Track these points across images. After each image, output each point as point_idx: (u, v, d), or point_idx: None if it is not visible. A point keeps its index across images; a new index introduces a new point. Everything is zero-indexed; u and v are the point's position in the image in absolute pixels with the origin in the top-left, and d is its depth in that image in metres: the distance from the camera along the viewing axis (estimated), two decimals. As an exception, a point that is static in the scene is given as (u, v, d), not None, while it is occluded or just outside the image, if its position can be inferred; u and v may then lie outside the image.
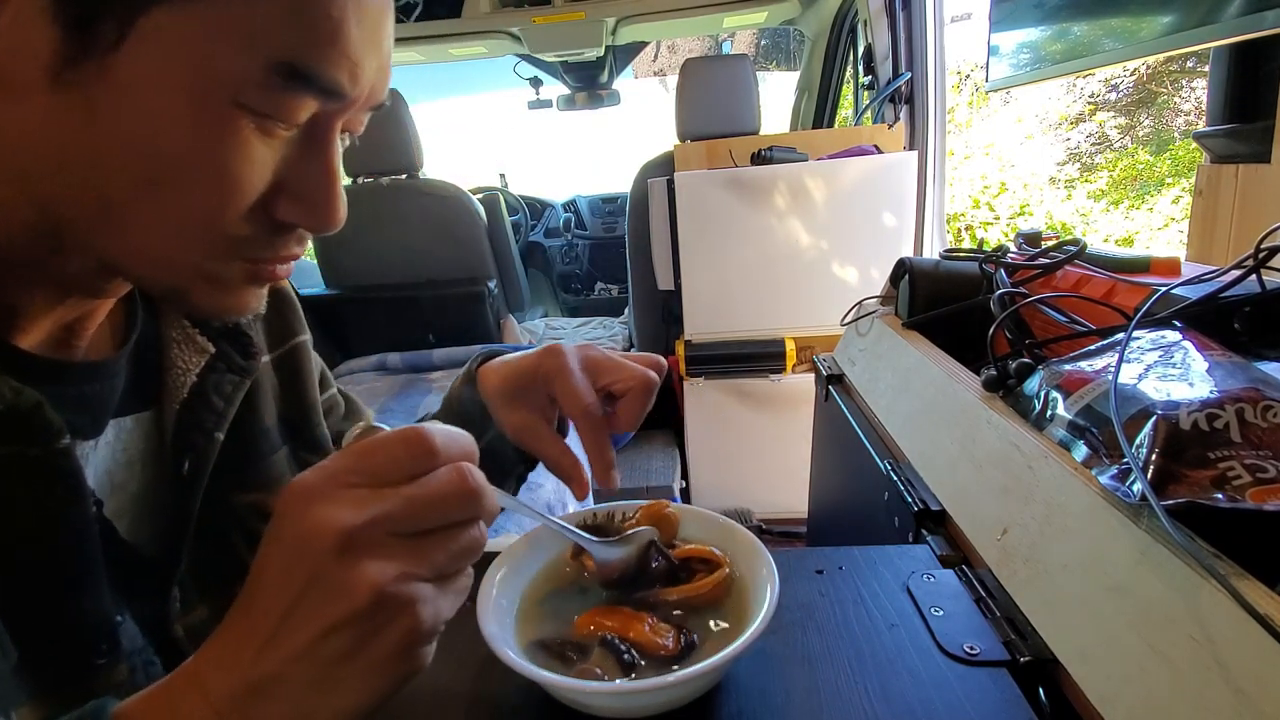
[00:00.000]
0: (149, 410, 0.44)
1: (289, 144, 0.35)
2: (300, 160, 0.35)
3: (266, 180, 0.34)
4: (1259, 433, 0.36)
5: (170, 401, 0.44)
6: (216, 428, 0.44)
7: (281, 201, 0.35)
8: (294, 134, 0.35)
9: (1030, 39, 1.02)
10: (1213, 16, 0.66)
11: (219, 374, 0.46)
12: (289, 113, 0.33)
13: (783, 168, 1.81)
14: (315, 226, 0.37)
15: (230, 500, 0.47)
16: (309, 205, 0.36)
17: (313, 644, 0.27)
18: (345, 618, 0.27)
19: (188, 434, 0.43)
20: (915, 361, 0.72)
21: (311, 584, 0.27)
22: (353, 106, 0.36)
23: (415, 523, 0.29)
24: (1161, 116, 5.41)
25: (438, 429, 0.31)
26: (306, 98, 0.33)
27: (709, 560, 0.44)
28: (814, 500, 1.09)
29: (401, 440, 0.30)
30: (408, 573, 0.28)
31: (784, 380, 1.90)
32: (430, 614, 0.29)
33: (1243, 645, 0.29)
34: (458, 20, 2.34)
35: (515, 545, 0.45)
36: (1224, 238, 0.82)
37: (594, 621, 0.40)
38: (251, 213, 0.34)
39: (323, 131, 0.36)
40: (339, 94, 0.34)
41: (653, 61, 6.82)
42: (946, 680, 0.38)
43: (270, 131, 0.33)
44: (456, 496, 0.29)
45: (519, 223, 3.24)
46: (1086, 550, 0.40)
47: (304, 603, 0.27)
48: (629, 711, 0.38)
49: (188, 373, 0.44)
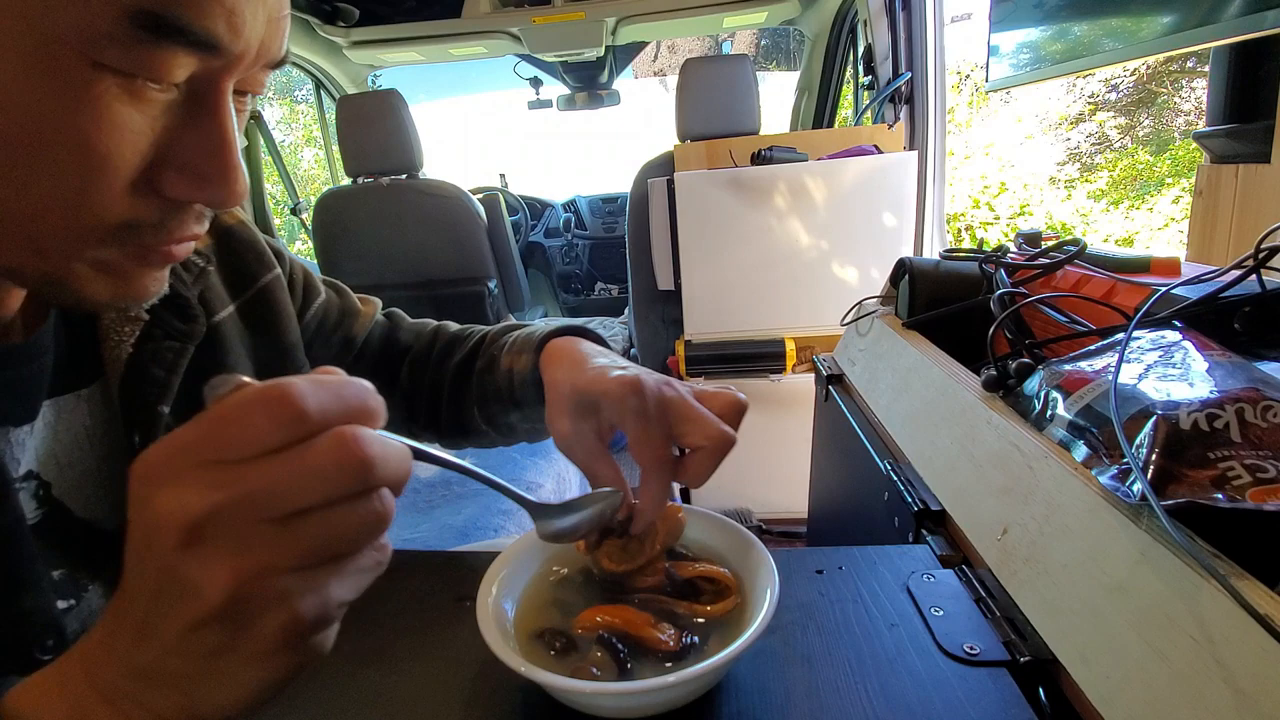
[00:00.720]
0: (94, 385, 0.42)
1: (170, 109, 0.30)
2: (185, 127, 0.31)
3: (144, 151, 0.30)
4: (1259, 433, 0.36)
5: (111, 376, 0.42)
6: (160, 400, 0.42)
7: (168, 175, 0.31)
8: (175, 97, 0.30)
9: (1030, 39, 1.02)
10: (1213, 16, 0.66)
11: (156, 342, 0.43)
12: (159, 70, 0.29)
13: (783, 168, 1.81)
14: (211, 201, 0.33)
15: None
16: (199, 178, 0.32)
17: (180, 639, 0.24)
18: (202, 617, 0.23)
19: (131, 408, 0.41)
20: (915, 361, 0.72)
21: (161, 582, 0.24)
22: (241, 63, 0.31)
23: (283, 504, 0.23)
24: (1161, 116, 5.41)
25: (310, 383, 0.25)
26: (178, 52, 0.29)
27: (717, 580, 0.43)
28: (814, 500, 1.09)
29: (262, 402, 0.24)
30: (270, 564, 0.24)
31: (784, 380, 1.90)
32: (312, 604, 0.24)
33: (1243, 645, 0.29)
34: (458, 20, 2.35)
35: (517, 543, 0.45)
36: (1224, 238, 0.82)
37: (597, 616, 0.40)
38: (134, 189, 0.30)
39: (209, 93, 0.31)
40: (215, 46, 0.29)
41: (653, 61, 6.82)
42: (946, 680, 0.38)
43: (141, 94, 0.29)
44: (337, 469, 0.24)
45: (519, 223, 3.24)
46: (1086, 550, 0.40)
47: (161, 600, 0.24)
48: (629, 712, 0.38)
49: (122, 345, 0.42)
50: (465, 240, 2.31)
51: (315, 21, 2.32)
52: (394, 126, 2.16)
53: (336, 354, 0.63)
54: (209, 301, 0.49)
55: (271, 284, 0.54)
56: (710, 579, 0.43)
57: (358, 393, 0.26)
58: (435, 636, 0.45)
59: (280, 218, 3.00)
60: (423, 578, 0.51)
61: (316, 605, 0.25)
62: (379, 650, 0.44)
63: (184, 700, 0.25)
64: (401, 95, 2.17)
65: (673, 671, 0.35)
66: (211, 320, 0.48)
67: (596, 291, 3.40)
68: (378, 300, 0.69)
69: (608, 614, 0.40)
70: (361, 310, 0.66)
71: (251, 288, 0.53)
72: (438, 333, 0.68)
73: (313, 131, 5.53)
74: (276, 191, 3.13)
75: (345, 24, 2.33)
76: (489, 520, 1.29)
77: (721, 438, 0.42)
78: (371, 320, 0.66)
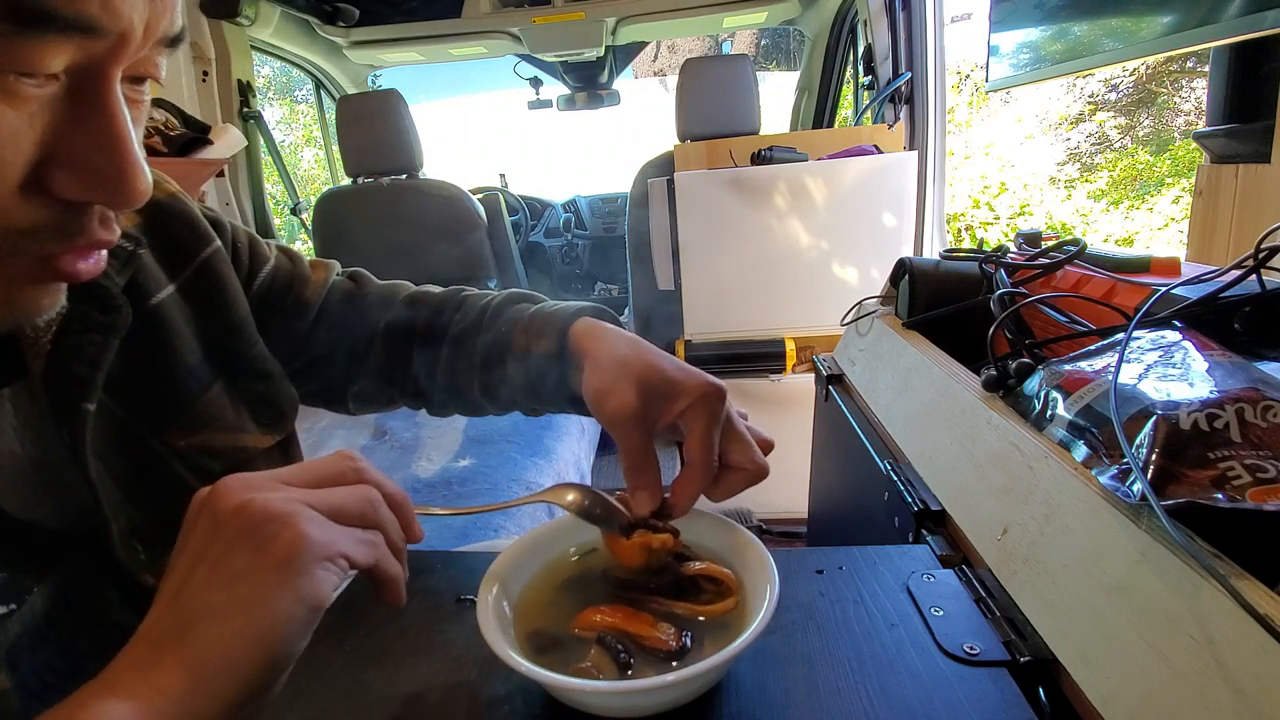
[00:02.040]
0: (19, 382, 0.39)
1: (52, 103, 0.28)
2: (72, 121, 0.28)
3: (26, 152, 0.28)
4: (1259, 433, 0.36)
5: (34, 372, 0.39)
6: (83, 398, 0.40)
7: (57, 175, 0.29)
8: (56, 89, 0.28)
9: (1030, 39, 1.02)
10: (1213, 16, 0.66)
11: (75, 336, 0.40)
12: (30, 63, 0.26)
13: (783, 168, 1.81)
14: (108, 202, 0.31)
15: (173, 446, 0.46)
16: (92, 176, 0.29)
17: (214, 568, 0.29)
18: (238, 530, 0.29)
19: (57, 405, 0.39)
20: (915, 361, 0.72)
21: (212, 522, 0.30)
22: (127, 46, 0.28)
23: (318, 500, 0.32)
24: (1161, 116, 5.41)
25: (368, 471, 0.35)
26: (49, 40, 0.26)
27: (718, 580, 0.43)
28: (814, 500, 1.09)
29: (327, 460, 0.35)
30: (294, 497, 0.31)
31: (784, 380, 1.90)
32: (319, 533, 0.30)
33: (1243, 645, 0.29)
34: (458, 20, 2.35)
35: (517, 543, 0.45)
36: (1224, 238, 0.82)
37: (596, 616, 0.40)
38: (23, 193, 0.28)
39: (95, 81, 0.28)
40: (92, 29, 0.27)
41: (653, 61, 6.82)
42: (946, 680, 0.38)
43: (14, 90, 0.26)
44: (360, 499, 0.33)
45: (519, 223, 3.24)
46: (1086, 550, 0.40)
47: (209, 535, 0.30)
48: (629, 711, 0.38)
49: (39, 341, 0.39)
50: (465, 240, 2.31)
51: (315, 21, 2.32)
52: (394, 126, 2.17)
53: (288, 320, 0.59)
54: (143, 284, 0.46)
55: (212, 258, 0.51)
56: (712, 579, 0.43)
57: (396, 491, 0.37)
58: (435, 636, 0.45)
59: (280, 218, 2.99)
60: (423, 578, 0.51)
61: (321, 535, 0.30)
62: (379, 650, 0.44)
63: (223, 634, 0.28)
64: (401, 95, 2.17)
65: (673, 671, 0.35)
66: (149, 303, 0.46)
67: (596, 291, 3.40)
68: (334, 262, 0.64)
69: (607, 614, 0.40)
70: (312, 277, 0.61)
71: (190, 264, 0.50)
72: (416, 299, 0.63)
73: (313, 131, 5.53)
74: (276, 191, 3.13)
75: (345, 24, 2.33)
76: (489, 520, 1.29)
77: (761, 467, 0.46)
78: (325, 284, 0.61)
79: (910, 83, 1.91)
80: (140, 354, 0.45)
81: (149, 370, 0.46)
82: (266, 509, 0.30)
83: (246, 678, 0.28)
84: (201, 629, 0.28)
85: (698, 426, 0.44)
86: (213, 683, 0.27)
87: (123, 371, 0.44)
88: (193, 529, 0.31)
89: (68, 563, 0.39)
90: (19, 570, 0.36)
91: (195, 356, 0.49)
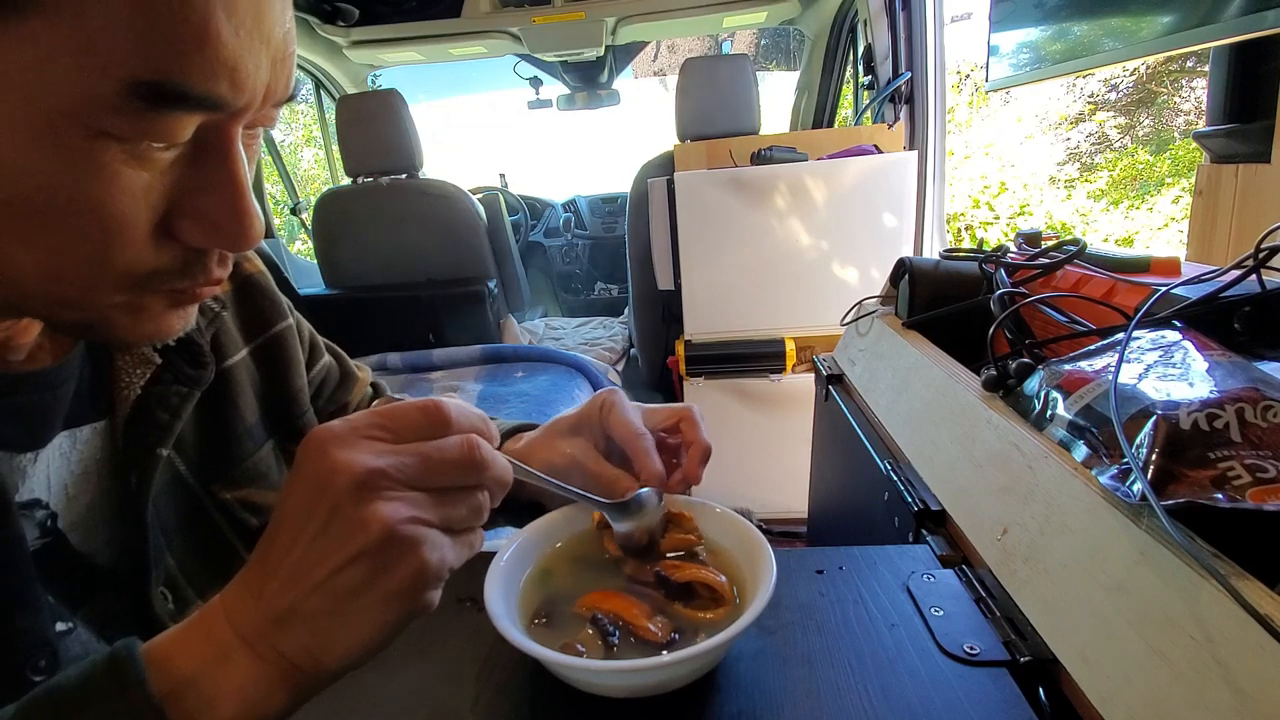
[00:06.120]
0: (105, 420, 0.42)
1: (179, 162, 0.31)
2: (196, 177, 0.31)
3: (156, 208, 0.31)
4: (1259, 433, 0.36)
5: (119, 413, 0.42)
6: (160, 443, 0.43)
7: (184, 224, 0.32)
8: (183, 150, 0.31)
9: (1030, 39, 1.02)
10: (1213, 16, 0.66)
11: (165, 386, 0.44)
12: (163, 134, 0.29)
13: (783, 168, 1.81)
14: (227, 246, 0.34)
15: (218, 497, 0.48)
16: (213, 226, 0.32)
17: (329, 577, 0.29)
18: (359, 551, 0.29)
19: (132, 448, 0.42)
20: (915, 361, 0.72)
21: (330, 519, 0.29)
22: (249, 111, 0.31)
23: (426, 477, 0.31)
24: (1161, 116, 5.41)
25: (453, 403, 0.33)
26: (181, 116, 0.29)
27: (714, 588, 0.42)
28: (814, 500, 1.09)
29: (419, 407, 0.32)
30: (417, 517, 0.30)
31: (784, 380, 1.90)
32: (437, 558, 0.30)
33: (1243, 645, 0.29)
34: (458, 20, 2.35)
35: (516, 537, 0.46)
36: (1224, 238, 0.82)
37: (594, 602, 0.41)
38: (154, 240, 0.31)
39: (219, 142, 0.31)
40: (219, 106, 0.29)
41: (653, 61, 6.81)
42: (946, 680, 0.38)
43: (146, 156, 0.29)
44: (464, 461, 0.32)
45: (519, 223, 3.24)
46: (1086, 550, 0.40)
47: (322, 537, 0.29)
48: (617, 690, 0.38)
49: (132, 385, 0.43)
50: (465, 240, 2.31)
51: (315, 21, 2.32)
52: (394, 126, 2.16)
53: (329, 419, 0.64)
54: (222, 345, 0.50)
55: (284, 331, 0.56)
56: (709, 586, 0.42)
57: (480, 416, 0.34)
58: (435, 636, 0.45)
59: (280, 218, 2.99)
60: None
61: (438, 559, 0.30)
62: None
63: (311, 640, 0.30)
64: (401, 95, 2.17)
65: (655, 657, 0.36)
66: (224, 364, 0.50)
67: (596, 291, 3.40)
68: (368, 369, 0.70)
69: (603, 603, 0.41)
70: (359, 377, 0.67)
71: (265, 333, 0.55)
72: None
73: (313, 131, 5.52)
74: (276, 191, 3.13)
75: (345, 24, 2.33)
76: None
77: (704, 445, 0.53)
78: (365, 388, 0.68)
79: (910, 83, 1.91)
80: (208, 408, 0.48)
81: (212, 424, 0.49)
82: (393, 534, 0.29)
83: (336, 676, 0.31)
84: (304, 635, 0.29)
85: (611, 420, 0.50)
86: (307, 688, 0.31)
87: (189, 423, 0.46)
88: (305, 490, 0.30)
89: (103, 600, 0.41)
90: (63, 599, 0.38)
91: (255, 417, 0.52)
